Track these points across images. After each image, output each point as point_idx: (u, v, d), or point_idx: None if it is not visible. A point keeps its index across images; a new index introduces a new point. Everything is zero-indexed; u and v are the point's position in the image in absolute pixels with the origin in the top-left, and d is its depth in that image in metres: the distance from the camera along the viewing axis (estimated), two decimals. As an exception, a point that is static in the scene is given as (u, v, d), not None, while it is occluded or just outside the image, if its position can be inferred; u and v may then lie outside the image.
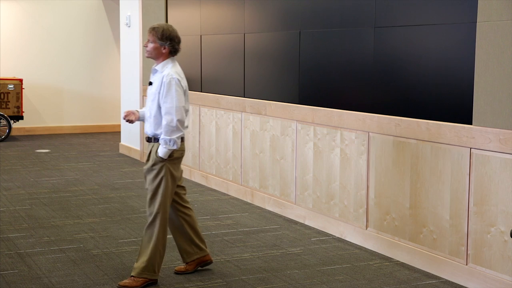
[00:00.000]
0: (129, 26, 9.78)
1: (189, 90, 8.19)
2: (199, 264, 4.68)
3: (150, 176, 4.41)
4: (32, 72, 11.97)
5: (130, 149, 9.88)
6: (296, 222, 6.07)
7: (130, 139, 9.91)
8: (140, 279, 4.35)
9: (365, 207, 5.33)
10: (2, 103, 11.12)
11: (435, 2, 4.70)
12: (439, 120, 4.67)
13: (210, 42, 7.74)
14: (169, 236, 5.59)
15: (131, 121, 4.53)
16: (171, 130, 4.31)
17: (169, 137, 4.31)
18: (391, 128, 5.04)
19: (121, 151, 10.19)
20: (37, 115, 12.10)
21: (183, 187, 4.70)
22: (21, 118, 11.33)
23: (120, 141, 10.54)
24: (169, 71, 4.36)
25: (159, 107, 4.36)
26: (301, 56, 6.10)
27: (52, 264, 4.81)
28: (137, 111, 4.57)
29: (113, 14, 12.36)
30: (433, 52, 4.74)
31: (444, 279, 4.61)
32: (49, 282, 4.46)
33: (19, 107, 11.26)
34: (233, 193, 7.21)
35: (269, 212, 6.47)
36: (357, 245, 5.39)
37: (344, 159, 5.53)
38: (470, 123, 4.41)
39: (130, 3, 9.72)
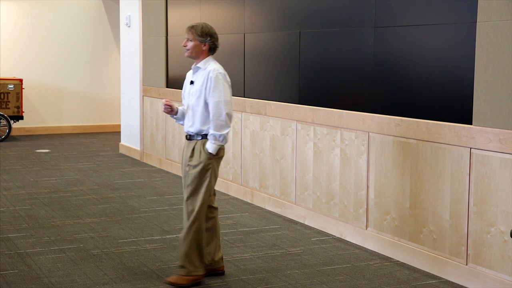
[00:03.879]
0: (129, 26, 9.78)
1: (189, 90, 8.21)
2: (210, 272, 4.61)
3: (194, 173, 4.38)
4: (32, 72, 11.98)
5: (130, 149, 9.88)
6: (296, 222, 6.07)
7: (130, 139, 9.91)
8: (188, 277, 4.37)
9: (365, 207, 5.33)
10: (2, 103, 11.12)
11: (435, 2, 4.70)
12: (439, 120, 4.67)
13: (210, 42, 7.73)
14: (170, 236, 5.59)
15: (169, 110, 4.47)
16: (220, 124, 4.33)
17: (219, 133, 4.33)
18: (391, 128, 5.04)
19: (121, 151, 10.19)
20: (37, 115, 12.11)
21: (214, 190, 4.63)
22: (21, 118, 11.34)
23: (120, 141, 10.54)
24: (214, 67, 4.40)
25: (205, 103, 4.37)
26: (301, 56, 6.10)
27: (52, 264, 4.81)
28: (176, 107, 4.54)
29: (113, 14, 12.36)
30: (433, 52, 4.74)
31: (444, 279, 4.61)
32: (49, 282, 4.46)
33: (19, 107, 11.26)
34: (233, 193, 7.21)
35: (269, 212, 6.47)
36: (357, 245, 5.39)
37: (344, 159, 5.53)
38: (470, 123, 4.41)
39: (130, 3, 9.72)
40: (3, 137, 10.99)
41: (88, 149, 10.40)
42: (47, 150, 10.23)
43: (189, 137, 4.46)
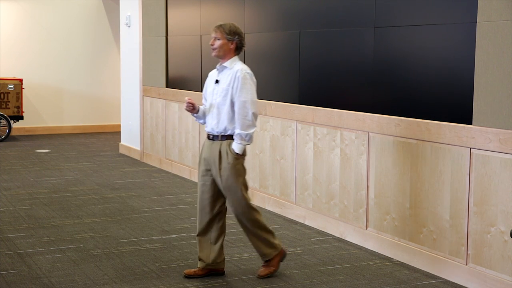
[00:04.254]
0: (129, 26, 9.78)
1: (189, 90, 8.22)
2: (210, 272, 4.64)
3: (226, 175, 4.42)
4: (32, 72, 11.98)
5: (130, 149, 9.88)
6: (296, 222, 6.07)
7: (130, 139, 9.91)
8: (273, 261, 4.59)
9: (365, 207, 5.33)
10: (2, 103, 11.12)
11: (435, 2, 4.70)
12: (439, 120, 4.67)
13: (210, 42, 7.73)
14: (170, 236, 5.59)
15: (191, 108, 4.49)
16: (247, 124, 4.38)
17: (245, 132, 4.38)
18: (391, 128, 5.04)
19: (121, 151, 10.19)
20: (37, 115, 12.11)
21: None
22: (21, 118, 11.34)
23: (120, 141, 10.54)
24: (241, 67, 4.46)
25: (231, 103, 4.42)
26: (301, 56, 6.10)
27: (52, 264, 4.81)
28: (198, 105, 4.57)
29: (113, 14, 12.36)
30: (433, 52, 4.74)
31: (444, 279, 4.61)
32: (49, 282, 4.46)
33: (19, 107, 11.26)
34: (233, 193, 7.20)
35: (269, 212, 6.47)
36: (357, 245, 5.39)
37: (344, 159, 5.53)
38: (470, 123, 4.41)
39: (130, 3, 9.72)
40: (3, 137, 10.99)
41: (88, 149, 10.40)
42: (47, 150, 10.23)
43: (212, 137, 4.49)
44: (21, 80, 11.27)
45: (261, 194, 6.70)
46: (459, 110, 4.51)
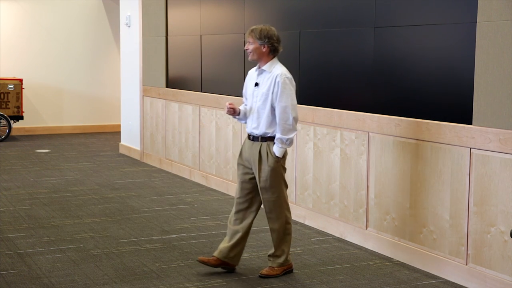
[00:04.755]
0: (129, 26, 9.78)
1: (189, 90, 8.22)
2: (222, 265, 4.70)
3: (265, 177, 4.52)
4: (32, 72, 11.98)
5: (130, 149, 9.88)
6: (296, 222, 6.07)
7: (130, 139, 9.91)
8: (280, 268, 4.62)
9: (365, 207, 5.33)
10: (2, 103, 11.12)
11: (435, 2, 4.70)
12: (439, 120, 4.67)
13: (210, 42, 7.74)
14: (170, 236, 5.59)
15: (232, 112, 4.58)
16: (287, 129, 4.43)
17: (286, 136, 4.44)
18: (391, 128, 5.04)
19: (121, 151, 10.19)
20: (37, 115, 12.11)
21: None
22: (21, 118, 11.33)
23: (120, 141, 10.54)
24: (280, 71, 4.49)
25: (272, 107, 4.47)
26: (301, 56, 6.10)
27: (52, 264, 4.81)
28: (238, 108, 4.64)
29: (113, 14, 12.36)
30: (433, 52, 4.74)
31: (444, 279, 4.61)
32: (49, 282, 4.46)
33: (19, 107, 11.26)
34: (233, 193, 7.20)
35: (269, 212, 6.46)
36: (357, 245, 5.39)
37: (344, 159, 5.53)
38: (470, 123, 4.41)
39: (130, 3, 9.72)
40: (3, 137, 10.99)
41: (88, 149, 10.40)
42: (47, 150, 10.23)
43: (253, 138, 4.58)
44: (21, 80, 11.27)
45: (261, 194, 6.69)
46: (459, 110, 4.51)
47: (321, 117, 5.75)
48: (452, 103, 4.58)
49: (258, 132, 4.53)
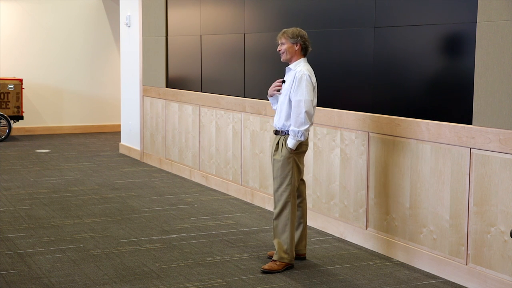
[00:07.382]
0: (129, 26, 9.78)
1: (189, 90, 8.22)
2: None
3: (277, 166, 4.75)
4: (32, 72, 11.98)
5: (130, 149, 9.88)
6: (296, 222, 6.07)
7: (130, 139, 9.91)
8: (282, 263, 4.74)
9: (365, 207, 5.33)
10: (2, 103, 11.13)
11: (435, 2, 4.70)
12: (439, 120, 4.67)
13: (210, 42, 7.74)
14: (170, 236, 5.59)
15: (277, 90, 4.85)
16: (299, 122, 4.63)
17: (297, 129, 4.64)
18: (391, 128, 5.04)
19: (121, 151, 10.19)
20: (37, 115, 12.11)
21: (303, 181, 5.00)
22: (21, 118, 11.34)
23: (120, 141, 10.54)
24: (301, 68, 4.73)
25: (289, 101, 4.71)
26: (301, 56, 6.09)
27: (52, 264, 4.81)
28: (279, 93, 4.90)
29: (113, 14, 12.37)
30: (433, 52, 4.74)
31: (444, 279, 4.61)
32: (49, 282, 4.46)
33: (19, 107, 11.26)
34: (233, 193, 7.21)
35: (269, 212, 6.46)
36: (357, 245, 5.39)
37: (344, 159, 5.53)
38: (470, 123, 4.41)
39: (130, 3, 9.72)
40: (3, 137, 10.99)
41: (88, 149, 10.40)
42: (47, 150, 10.23)
43: (275, 132, 4.84)
44: (21, 80, 11.27)
45: (261, 194, 6.70)
46: (459, 110, 4.51)
47: (321, 117, 5.75)
48: (452, 103, 4.58)
49: (279, 125, 4.77)
